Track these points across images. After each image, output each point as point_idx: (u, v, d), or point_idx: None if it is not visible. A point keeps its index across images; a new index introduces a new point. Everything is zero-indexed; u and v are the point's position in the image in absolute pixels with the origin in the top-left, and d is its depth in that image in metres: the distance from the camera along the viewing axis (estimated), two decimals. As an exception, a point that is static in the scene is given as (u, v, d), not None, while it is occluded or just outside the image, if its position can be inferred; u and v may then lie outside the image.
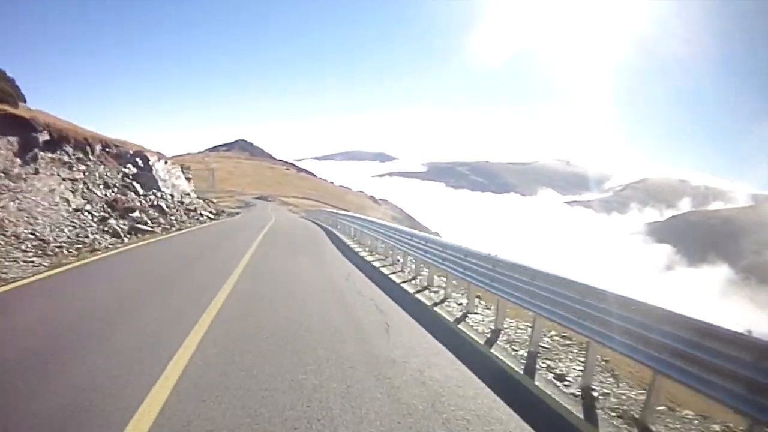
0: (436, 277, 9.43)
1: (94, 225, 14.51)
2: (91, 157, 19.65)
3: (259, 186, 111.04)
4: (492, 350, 5.36)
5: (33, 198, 13.60)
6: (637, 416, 3.89)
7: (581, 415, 3.90)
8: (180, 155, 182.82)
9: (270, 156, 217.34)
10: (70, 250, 11.12)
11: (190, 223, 22.78)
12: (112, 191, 19.20)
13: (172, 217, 21.49)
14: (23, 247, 10.47)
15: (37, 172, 14.88)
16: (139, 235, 15.36)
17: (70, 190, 16.04)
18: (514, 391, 4.27)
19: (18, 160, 14.38)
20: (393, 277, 10.07)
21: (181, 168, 35.20)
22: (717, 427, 3.95)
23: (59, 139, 17.27)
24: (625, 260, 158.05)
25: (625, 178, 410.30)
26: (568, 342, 5.92)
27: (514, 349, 5.44)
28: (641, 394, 4.32)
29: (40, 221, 12.76)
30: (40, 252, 10.32)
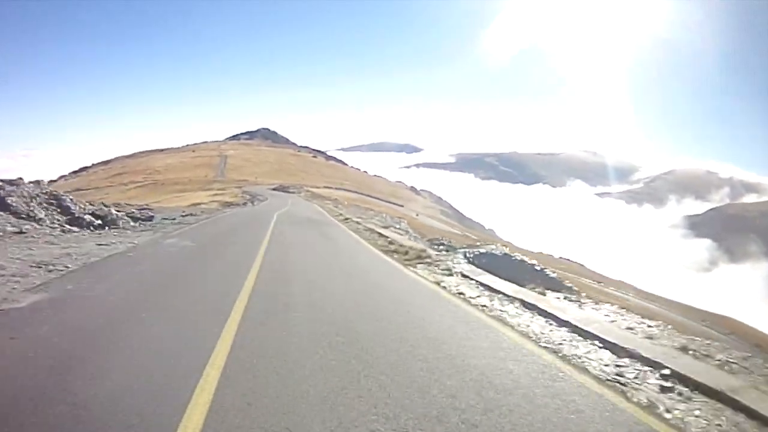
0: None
1: None
2: None
3: (281, 175, 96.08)
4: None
5: None
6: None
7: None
8: (196, 143, 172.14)
9: (294, 145, 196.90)
10: None
11: None
12: None
13: None
14: None
15: None
16: None
17: None
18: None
19: None
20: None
21: None
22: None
23: None
24: (668, 256, 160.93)
25: (653, 169, 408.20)
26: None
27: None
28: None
29: None
30: None
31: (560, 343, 5.26)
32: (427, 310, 6.44)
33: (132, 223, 16.41)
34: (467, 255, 12.45)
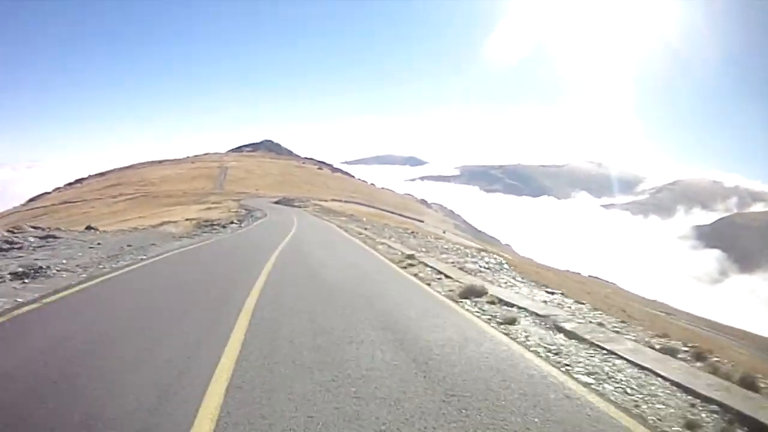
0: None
1: None
2: None
3: (285, 187, 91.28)
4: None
5: None
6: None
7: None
8: (196, 155, 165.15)
9: (298, 157, 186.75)
10: None
11: None
12: None
13: None
14: None
15: None
16: None
17: None
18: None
19: None
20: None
21: None
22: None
23: None
24: (678, 267, 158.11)
25: (658, 179, 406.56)
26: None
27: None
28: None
29: None
30: None
31: None
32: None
33: None
34: None
